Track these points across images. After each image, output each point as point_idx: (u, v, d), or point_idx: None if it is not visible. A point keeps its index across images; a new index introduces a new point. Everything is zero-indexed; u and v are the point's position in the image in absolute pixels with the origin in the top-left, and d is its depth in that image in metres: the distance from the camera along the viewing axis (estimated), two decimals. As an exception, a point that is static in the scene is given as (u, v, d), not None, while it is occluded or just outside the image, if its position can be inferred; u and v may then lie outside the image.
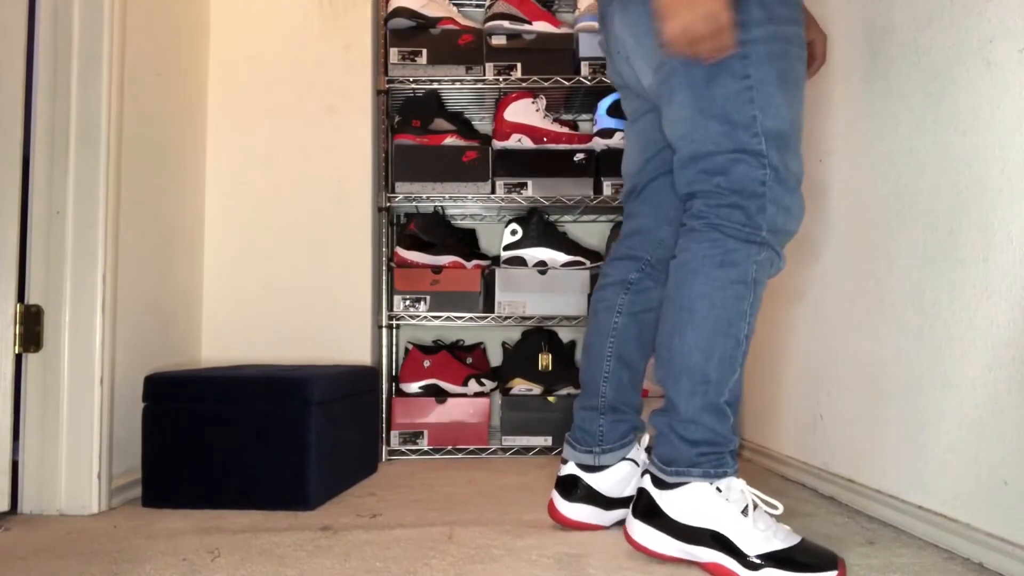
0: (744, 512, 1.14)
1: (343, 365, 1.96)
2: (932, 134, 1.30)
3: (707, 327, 1.17)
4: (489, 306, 2.21)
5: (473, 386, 2.21)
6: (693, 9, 1.08)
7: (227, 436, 1.58)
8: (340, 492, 1.71)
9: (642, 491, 1.22)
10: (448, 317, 2.17)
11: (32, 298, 1.55)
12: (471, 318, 2.18)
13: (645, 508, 1.20)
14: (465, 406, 2.16)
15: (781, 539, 1.13)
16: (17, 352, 1.52)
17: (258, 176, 2.15)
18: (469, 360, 2.30)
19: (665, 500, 1.18)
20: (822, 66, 1.42)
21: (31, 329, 1.53)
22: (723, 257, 1.16)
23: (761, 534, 1.13)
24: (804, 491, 1.70)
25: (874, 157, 1.47)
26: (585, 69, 2.22)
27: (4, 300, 1.51)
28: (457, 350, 2.33)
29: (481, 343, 2.41)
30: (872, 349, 1.47)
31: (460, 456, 2.13)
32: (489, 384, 2.24)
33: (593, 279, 2.31)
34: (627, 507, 1.35)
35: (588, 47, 2.24)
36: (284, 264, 2.14)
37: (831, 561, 1.11)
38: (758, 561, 1.11)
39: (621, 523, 1.36)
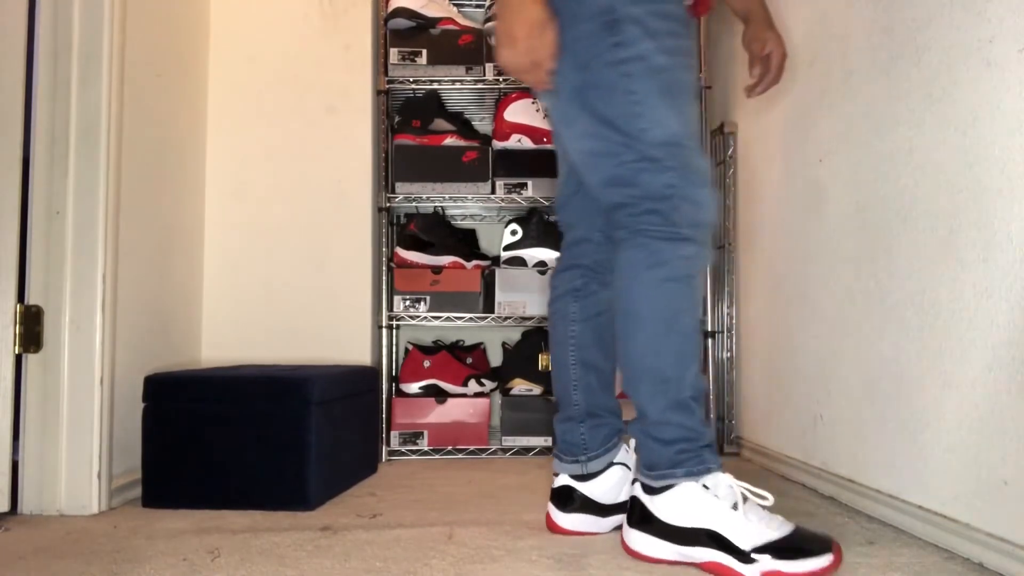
0: (734, 507, 1.15)
1: (343, 365, 1.96)
2: (932, 134, 1.30)
3: (652, 328, 1.21)
4: (489, 306, 2.21)
5: (473, 386, 2.21)
6: (515, 44, 1.17)
7: (227, 436, 1.58)
8: (340, 492, 1.71)
9: (635, 499, 1.24)
10: (448, 317, 2.17)
11: (32, 298, 1.55)
12: (471, 318, 2.18)
13: (639, 516, 1.22)
14: (465, 406, 2.16)
15: (775, 529, 1.14)
16: (17, 352, 1.52)
17: (258, 176, 2.15)
18: (469, 360, 2.30)
19: (656, 505, 1.20)
20: (776, 81, 1.45)
21: (31, 329, 1.53)
22: (651, 259, 1.21)
23: (755, 526, 1.13)
24: (804, 491, 1.70)
25: (874, 157, 1.47)
26: (585, 69, 2.22)
27: (4, 300, 1.51)
28: (457, 350, 2.33)
29: (481, 343, 2.41)
30: (872, 349, 1.47)
31: (460, 456, 2.13)
32: (489, 384, 2.24)
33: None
34: (623, 512, 1.36)
35: (588, 47, 2.24)
36: (284, 264, 2.14)
37: (827, 544, 1.13)
38: (755, 556, 1.11)
39: (619, 528, 1.37)
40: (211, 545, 1.31)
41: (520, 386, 2.19)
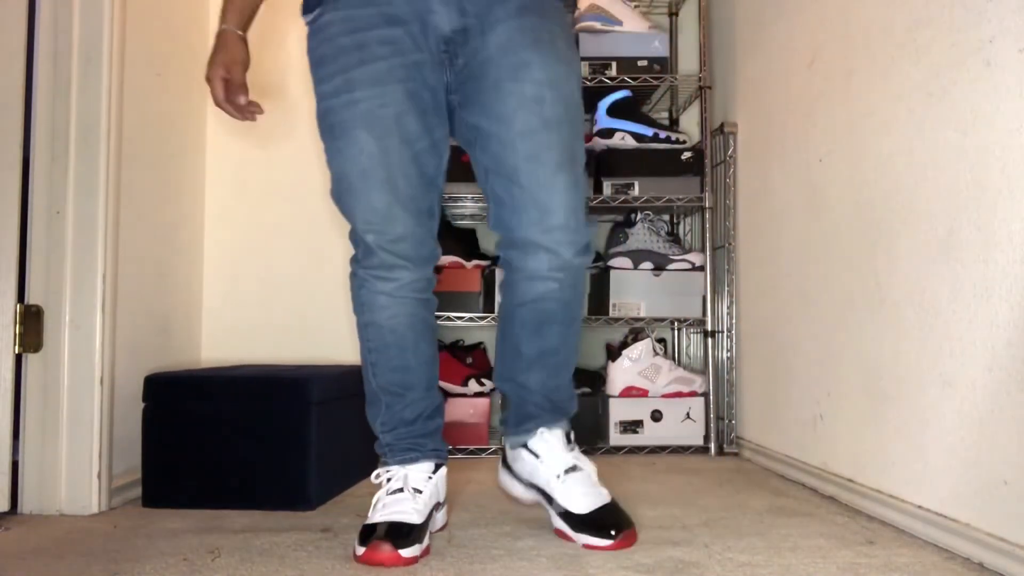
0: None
1: (343, 365, 1.96)
2: (932, 134, 1.30)
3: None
4: (489, 306, 2.21)
5: (473, 386, 2.21)
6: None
7: (227, 436, 1.58)
8: (340, 492, 1.71)
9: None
10: (448, 317, 2.16)
11: (32, 298, 1.55)
12: (471, 318, 2.18)
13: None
14: (465, 406, 2.16)
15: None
16: (17, 352, 1.52)
17: (258, 176, 2.15)
18: (469, 360, 2.30)
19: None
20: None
21: (31, 329, 1.53)
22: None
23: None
24: (804, 491, 1.70)
25: (874, 157, 1.47)
26: (585, 69, 2.21)
27: (4, 300, 1.51)
28: (457, 350, 2.32)
29: (481, 343, 2.41)
30: (872, 349, 1.47)
31: (460, 456, 2.13)
32: (489, 384, 2.24)
33: (593, 279, 2.31)
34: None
35: (588, 47, 2.24)
36: (284, 264, 2.14)
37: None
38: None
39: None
40: (211, 545, 1.31)
41: (520, 386, 2.19)
